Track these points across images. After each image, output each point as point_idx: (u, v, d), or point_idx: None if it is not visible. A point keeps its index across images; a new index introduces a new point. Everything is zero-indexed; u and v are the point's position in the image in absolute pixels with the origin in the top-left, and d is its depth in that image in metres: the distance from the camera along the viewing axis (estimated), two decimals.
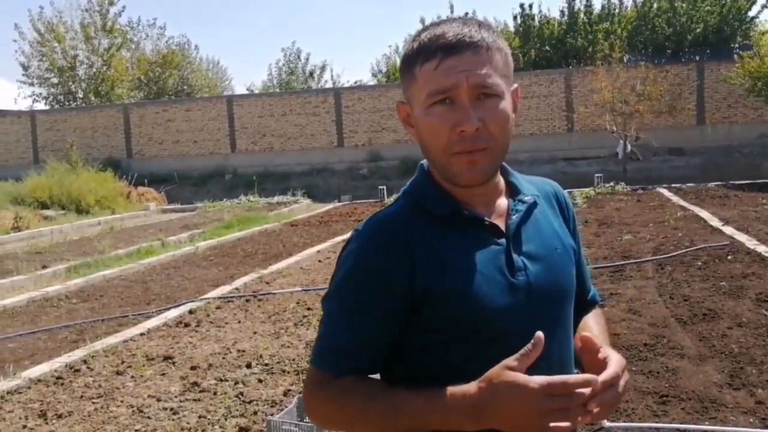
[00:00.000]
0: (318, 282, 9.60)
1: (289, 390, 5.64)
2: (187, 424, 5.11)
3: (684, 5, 30.78)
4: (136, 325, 7.93)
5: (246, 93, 39.91)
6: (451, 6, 35.13)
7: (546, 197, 1.67)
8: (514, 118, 1.52)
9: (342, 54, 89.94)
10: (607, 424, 4.50)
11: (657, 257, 9.66)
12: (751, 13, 30.88)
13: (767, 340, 6.02)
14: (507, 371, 1.29)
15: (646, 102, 22.35)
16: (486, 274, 1.46)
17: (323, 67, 44.44)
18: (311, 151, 29.33)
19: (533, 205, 1.59)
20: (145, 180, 26.46)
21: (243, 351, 6.77)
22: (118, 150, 31.26)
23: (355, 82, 41.83)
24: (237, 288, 9.60)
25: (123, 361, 6.61)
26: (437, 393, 1.36)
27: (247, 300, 8.92)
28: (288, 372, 6.11)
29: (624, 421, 4.60)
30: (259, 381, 5.94)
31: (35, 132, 32.27)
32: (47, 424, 5.25)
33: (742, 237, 10.55)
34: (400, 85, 1.60)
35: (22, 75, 37.96)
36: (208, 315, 8.26)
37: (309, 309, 8.18)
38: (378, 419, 1.42)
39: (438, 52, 1.45)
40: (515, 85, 1.54)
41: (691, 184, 19.67)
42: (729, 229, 11.32)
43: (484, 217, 1.52)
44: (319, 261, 11.45)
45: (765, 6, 30.58)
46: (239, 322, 7.92)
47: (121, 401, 5.62)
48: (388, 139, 28.50)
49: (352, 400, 1.44)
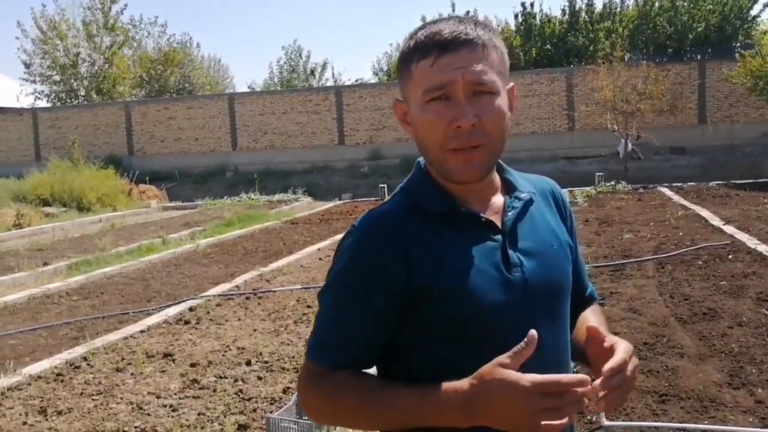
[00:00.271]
0: (318, 280, 9.60)
1: (289, 387, 5.65)
2: (187, 421, 5.12)
3: (685, 4, 30.75)
4: (136, 323, 7.94)
5: (247, 91, 39.95)
6: (453, 4, 35.11)
7: (542, 194, 1.67)
8: (509, 116, 1.53)
9: (343, 52, 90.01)
10: (606, 422, 4.50)
11: (657, 256, 9.66)
12: (753, 12, 30.84)
13: (767, 339, 6.02)
14: (499, 368, 1.29)
15: (647, 101, 22.33)
16: (482, 270, 1.46)
17: (324, 65, 44.56)
18: (312, 149, 29.33)
19: (529, 202, 1.60)
20: (147, 178, 26.46)
21: (243, 348, 6.78)
22: (119, 147, 31.28)
23: (357, 80, 41.90)
24: (237, 286, 9.61)
25: (123, 358, 6.62)
26: (430, 389, 1.36)
27: (248, 298, 8.93)
28: (287, 369, 6.12)
29: (623, 420, 4.60)
30: (259, 378, 5.95)
31: (37, 129, 32.29)
32: (47, 420, 5.26)
33: (743, 236, 10.55)
34: (398, 84, 1.60)
35: (24, 72, 38.08)
36: (208, 312, 8.27)
37: (309, 307, 8.19)
38: (372, 414, 1.43)
39: (434, 49, 1.45)
40: (511, 84, 1.55)
41: (692, 183, 19.67)
42: (730, 229, 11.32)
43: (480, 214, 1.52)
44: (320, 259, 11.45)
45: (767, 5, 30.54)
46: (239, 319, 7.93)
47: (121, 398, 5.63)
48: (389, 138, 28.49)
49: (346, 394, 1.44)
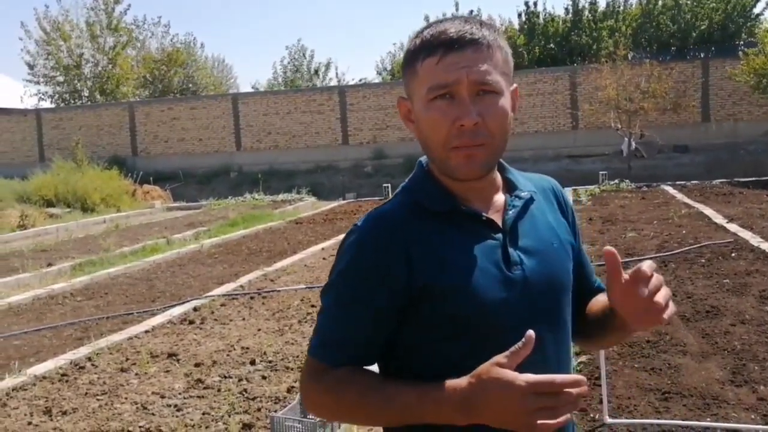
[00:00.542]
0: (322, 279, 9.62)
1: (293, 387, 5.67)
2: (191, 420, 5.14)
3: (689, 2, 30.75)
4: (140, 323, 7.97)
5: (251, 91, 39.96)
6: (456, 3, 35.14)
7: (543, 193, 1.68)
8: (512, 116, 1.54)
9: (347, 52, 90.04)
10: (609, 420, 4.52)
11: (661, 254, 9.66)
12: (756, 10, 30.85)
13: None
14: (496, 368, 1.31)
15: (650, 99, 22.31)
16: (483, 268, 1.48)
17: (328, 65, 44.51)
18: (316, 149, 29.36)
19: (530, 201, 1.61)
20: (151, 178, 26.49)
21: (247, 348, 6.80)
22: (123, 148, 31.33)
23: (360, 80, 41.88)
24: (241, 285, 9.63)
25: (127, 359, 6.64)
26: (429, 387, 1.38)
27: (252, 297, 8.96)
28: (292, 369, 6.14)
29: (626, 418, 4.61)
30: (263, 378, 5.97)
31: (41, 130, 32.36)
32: (52, 420, 5.29)
33: (746, 234, 10.54)
34: (403, 83, 1.62)
35: (27, 74, 38.03)
36: (212, 312, 8.29)
37: (313, 306, 8.20)
38: (372, 410, 1.45)
39: (439, 47, 1.47)
40: (515, 85, 1.56)
41: (696, 181, 19.65)
42: (733, 227, 11.31)
43: (481, 213, 1.54)
44: (324, 258, 11.47)
45: None
46: (243, 319, 7.95)
47: (126, 398, 5.66)
48: (392, 137, 28.51)
49: (347, 391, 1.46)
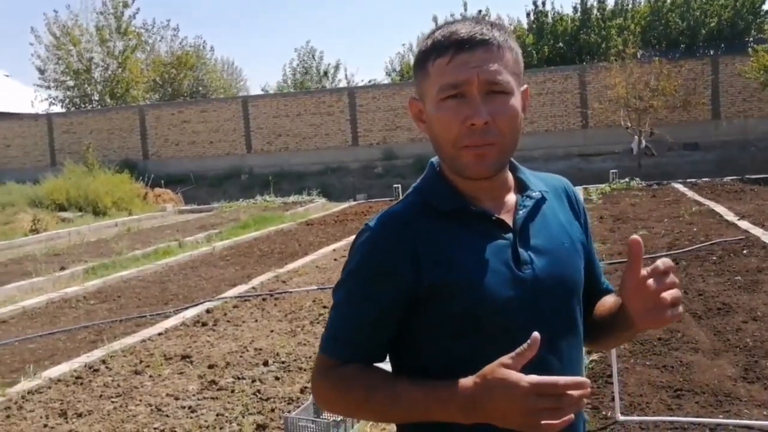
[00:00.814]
0: (334, 280, 9.58)
1: (306, 387, 5.69)
2: (205, 422, 5.17)
3: None
4: (153, 325, 8.00)
5: (261, 93, 40.03)
6: (465, 4, 35.12)
7: (555, 193, 1.69)
8: (522, 116, 1.55)
9: (356, 53, 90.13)
10: (621, 417, 4.53)
11: (672, 252, 9.64)
12: (766, 7, 30.72)
13: None
14: (501, 368, 1.33)
15: (660, 97, 22.25)
16: (492, 267, 1.49)
17: (337, 67, 44.57)
18: (326, 151, 29.39)
19: (541, 201, 1.62)
20: (162, 181, 26.57)
21: (260, 349, 6.83)
22: (134, 152, 31.42)
23: (369, 81, 41.89)
24: (254, 287, 9.66)
25: (141, 361, 6.68)
26: (436, 386, 1.41)
27: (264, 299, 8.99)
28: (304, 369, 6.17)
29: (638, 415, 4.62)
30: (276, 379, 6.00)
31: (52, 135, 32.48)
32: (67, 423, 5.33)
33: (757, 231, 10.51)
34: (413, 83, 1.64)
35: (38, 78, 38.08)
36: (225, 314, 8.33)
37: (325, 307, 8.22)
38: (378, 407, 1.48)
39: (451, 47, 1.49)
40: (525, 86, 1.58)
41: (706, 178, 19.57)
42: (744, 224, 11.28)
43: (490, 213, 1.55)
44: (335, 260, 11.50)
45: None
46: (256, 320, 7.99)
47: (140, 400, 5.69)
48: (402, 138, 28.51)
49: (354, 387, 1.49)
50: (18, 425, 5.32)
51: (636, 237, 1.45)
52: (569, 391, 1.30)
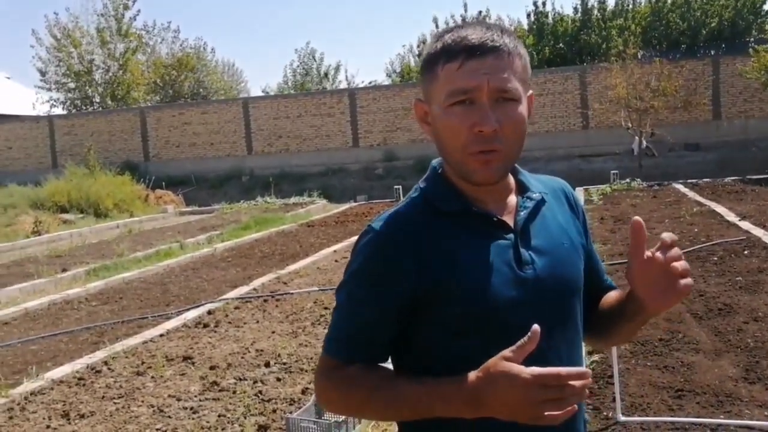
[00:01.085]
0: (335, 282, 9.64)
1: (308, 388, 5.70)
2: (207, 422, 5.18)
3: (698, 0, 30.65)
4: (155, 327, 8.01)
5: (261, 95, 40.06)
6: (465, 5, 35.19)
7: (554, 194, 1.71)
8: (527, 122, 1.58)
9: (356, 54, 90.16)
10: (622, 418, 4.53)
11: None
12: (766, 7, 30.70)
13: None
14: (503, 361, 1.34)
15: (661, 98, 22.23)
16: (494, 268, 1.51)
17: (338, 68, 44.60)
18: (327, 152, 29.39)
19: (541, 202, 1.64)
20: (163, 183, 26.56)
21: (261, 350, 6.84)
22: (135, 153, 31.44)
23: (370, 82, 41.88)
24: (255, 288, 9.67)
25: (143, 362, 6.69)
26: (439, 382, 1.42)
27: (265, 300, 9.00)
28: (306, 371, 6.18)
29: (639, 416, 4.63)
30: (278, 380, 6.01)
31: (53, 137, 32.50)
32: (70, 424, 5.34)
33: (758, 232, 10.50)
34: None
35: (39, 80, 38.14)
36: (226, 315, 8.34)
37: (326, 308, 8.24)
38: (382, 406, 1.49)
39: (461, 53, 1.49)
40: (531, 91, 1.59)
41: (707, 179, 19.52)
42: (746, 224, 11.27)
43: (492, 214, 1.57)
44: (336, 261, 11.50)
45: None
46: (257, 322, 8.00)
47: (142, 401, 5.71)
48: (403, 139, 28.51)
49: (357, 387, 1.51)
50: (21, 426, 5.33)
51: (637, 218, 1.47)
52: (571, 382, 1.31)
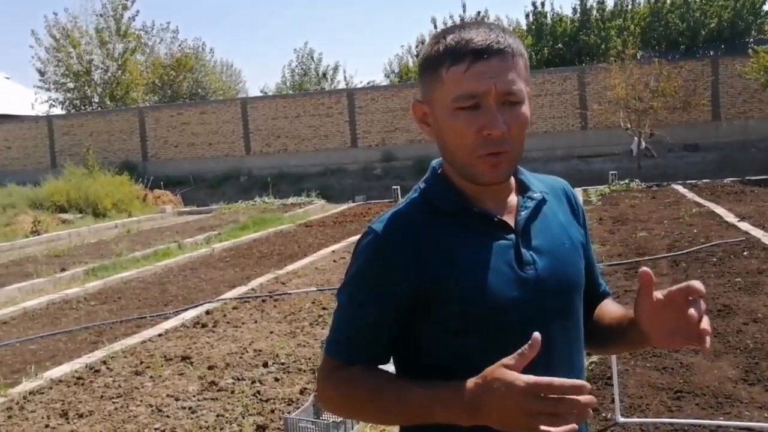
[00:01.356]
0: (333, 282, 9.65)
1: (306, 388, 5.69)
2: (206, 422, 5.18)
3: (697, 0, 30.66)
4: (154, 326, 8.01)
5: (260, 95, 40.05)
6: (464, 5, 35.18)
7: (555, 194, 1.70)
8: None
9: (355, 54, 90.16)
10: (622, 419, 4.53)
11: (672, 254, 9.65)
12: (766, 8, 30.74)
13: None
14: (501, 368, 1.32)
15: (660, 98, 22.22)
16: (494, 268, 1.50)
17: (336, 68, 44.60)
18: (325, 152, 29.38)
19: (542, 202, 1.63)
20: (161, 183, 26.55)
21: (260, 350, 6.83)
22: (134, 153, 31.42)
23: (368, 82, 41.88)
24: (253, 288, 9.66)
25: (141, 362, 6.68)
26: (438, 387, 1.41)
27: (263, 300, 8.99)
28: (304, 371, 6.17)
29: (638, 417, 4.62)
30: (276, 380, 6.00)
31: (52, 137, 32.48)
32: (69, 423, 5.33)
33: (758, 233, 10.50)
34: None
35: (38, 81, 38.10)
36: (224, 315, 8.33)
37: (324, 309, 8.23)
38: (381, 409, 1.49)
39: (467, 56, 1.48)
40: (528, 89, 1.58)
41: (707, 180, 19.54)
42: (745, 225, 11.27)
43: (493, 214, 1.56)
44: (334, 261, 11.50)
45: None
46: (256, 322, 7.99)
47: (141, 401, 5.70)
48: (401, 139, 28.50)
49: (357, 389, 1.50)
50: (20, 426, 5.33)
51: (646, 270, 1.46)
52: (570, 396, 1.28)
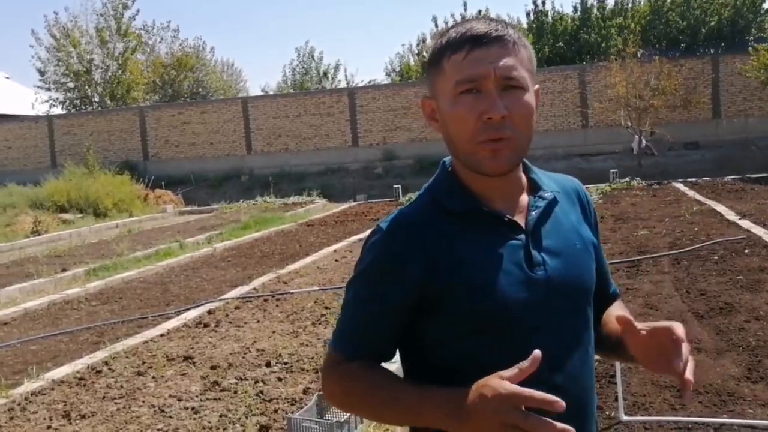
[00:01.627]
0: (335, 281, 9.65)
1: (309, 388, 5.69)
2: (209, 423, 5.17)
3: None
4: (155, 326, 8.00)
5: (261, 94, 40.00)
6: (465, 4, 35.19)
7: (567, 194, 1.69)
8: (536, 115, 1.56)
9: (356, 53, 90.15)
10: (625, 417, 4.53)
11: (673, 252, 9.65)
12: (766, 5, 30.70)
13: None
14: (494, 378, 1.30)
15: (660, 96, 22.20)
16: (504, 268, 1.49)
17: (337, 67, 44.51)
18: (326, 151, 29.37)
19: (553, 202, 1.62)
20: (162, 182, 26.56)
21: (262, 350, 6.83)
22: (134, 153, 31.40)
23: (369, 81, 41.81)
24: (255, 288, 9.66)
25: (144, 362, 6.68)
26: (431, 390, 1.40)
27: (266, 300, 8.98)
28: (307, 370, 6.17)
29: (642, 415, 4.62)
30: (279, 379, 6.00)
31: (53, 136, 32.46)
32: (71, 424, 5.33)
33: (759, 230, 10.51)
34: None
35: (38, 80, 38.08)
36: (227, 315, 8.33)
37: (326, 308, 8.23)
38: (377, 406, 1.49)
39: (466, 43, 1.49)
40: (537, 86, 1.58)
41: (707, 178, 19.53)
42: (746, 223, 11.28)
43: (503, 214, 1.55)
44: (336, 260, 11.50)
45: None
46: (258, 321, 7.99)
47: (143, 401, 5.69)
48: (402, 138, 28.48)
49: (357, 385, 1.51)
50: (21, 427, 5.32)
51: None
52: (550, 422, 1.23)
